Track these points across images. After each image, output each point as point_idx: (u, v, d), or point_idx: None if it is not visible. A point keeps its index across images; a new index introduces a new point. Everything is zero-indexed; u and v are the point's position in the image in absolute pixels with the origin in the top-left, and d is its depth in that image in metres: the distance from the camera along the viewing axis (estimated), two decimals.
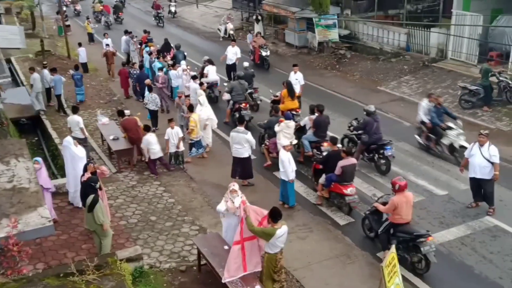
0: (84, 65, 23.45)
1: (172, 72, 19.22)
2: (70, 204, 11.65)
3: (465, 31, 20.42)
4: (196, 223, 11.44)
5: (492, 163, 10.83)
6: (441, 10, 22.65)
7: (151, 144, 13.37)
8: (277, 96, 15.97)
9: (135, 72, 19.96)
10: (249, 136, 12.40)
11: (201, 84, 16.88)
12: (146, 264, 9.84)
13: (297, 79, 17.23)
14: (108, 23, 34.68)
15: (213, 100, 18.71)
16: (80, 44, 24.49)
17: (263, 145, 14.12)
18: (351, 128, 14.09)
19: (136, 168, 14.14)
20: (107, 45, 23.97)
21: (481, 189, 11.20)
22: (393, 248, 7.75)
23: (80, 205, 11.27)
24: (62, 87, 18.66)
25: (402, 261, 9.30)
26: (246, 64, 19.12)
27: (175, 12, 38.77)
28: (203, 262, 9.53)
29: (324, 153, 12.41)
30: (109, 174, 10.20)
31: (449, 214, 11.36)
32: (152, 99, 16.59)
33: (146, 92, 17.36)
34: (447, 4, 22.04)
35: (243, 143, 12.32)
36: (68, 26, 32.56)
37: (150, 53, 21.80)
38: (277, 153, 12.73)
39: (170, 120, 13.86)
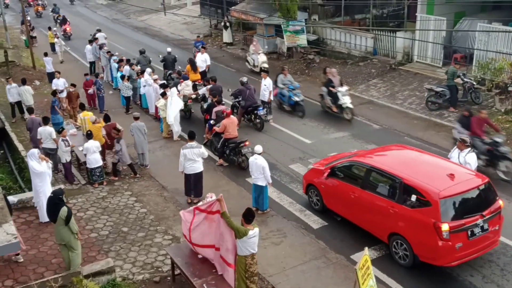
0: (51, 75, 23.01)
1: (140, 80, 19.12)
2: (38, 218, 11.35)
3: (429, 34, 20.88)
4: (169, 232, 11.30)
5: None
6: (406, 15, 23.10)
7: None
8: (184, 71, 20.16)
9: (101, 82, 19.71)
10: (203, 149, 12.32)
11: (163, 94, 16.74)
12: (119, 276, 9.65)
13: (265, 85, 17.34)
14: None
15: (186, 116, 18.28)
16: (46, 54, 24.04)
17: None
18: (231, 96, 17.54)
19: (107, 178, 13.89)
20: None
21: None
22: (366, 250, 7.80)
23: (44, 220, 11.02)
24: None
25: (232, 162, 14.34)
26: (169, 49, 23.04)
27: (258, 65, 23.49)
28: (177, 272, 9.40)
29: (205, 105, 16.78)
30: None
31: None
32: (126, 87, 19.07)
33: (120, 80, 19.66)
34: (412, 9, 22.50)
35: (196, 158, 12.17)
36: (34, 37, 31.96)
37: (118, 61, 21.68)
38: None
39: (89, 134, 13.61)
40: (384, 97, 19.43)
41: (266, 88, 17.30)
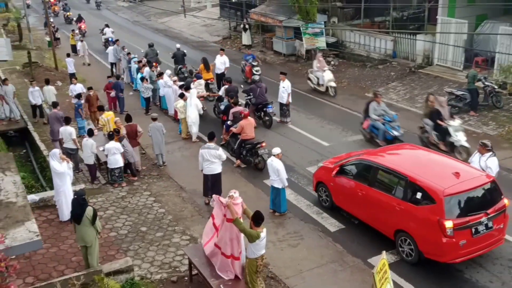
0: (73, 75, 23.38)
1: (159, 82, 19.26)
2: (58, 216, 11.53)
3: (450, 37, 20.64)
4: (187, 232, 11.37)
5: None
6: (427, 17, 22.88)
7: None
8: (197, 70, 20.78)
9: (122, 83, 20.03)
10: (220, 151, 12.20)
11: (182, 95, 16.86)
12: (137, 275, 9.74)
13: (284, 87, 17.30)
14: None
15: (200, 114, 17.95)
16: (68, 55, 24.47)
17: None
18: (243, 92, 17.90)
19: (126, 178, 14.02)
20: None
21: None
22: (383, 254, 7.74)
23: (64, 219, 11.19)
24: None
25: (248, 163, 14.37)
26: (178, 45, 24.33)
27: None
28: (194, 272, 9.45)
29: (222, 107, 16.94)
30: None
31: None
32: (145, 88, 19.28)
33: (140, 82, 19.88)
34: (432, 11, 22.28)
35: (213, 159, 12.08)
36: (58, 39, 32.50)
37: (139, 62, 21.95)
38: None
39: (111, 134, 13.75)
40: (403, 100, 19.27)
41: (284, 90, 17.27)
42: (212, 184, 12.35)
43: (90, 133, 13.93)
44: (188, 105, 16.28)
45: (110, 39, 29.73)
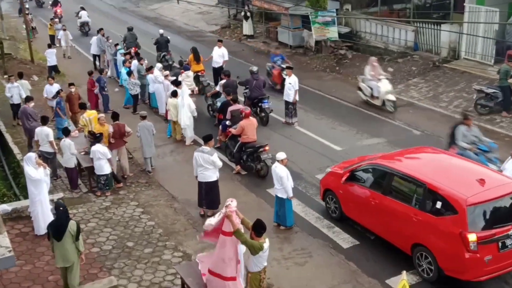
0: (55, 68, 23.42)
1: (149, 77, 19.22)
2: (33, 229, 11.52)
3: (479, 27, 20.64)
4: (180, 248, 11.35)
5: None
6: (453, 5, 22.87)
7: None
8: (186, 61, 20.96)
9: (106, 80, 19.97)
10: (214, 157, 12.03)
11: (175, 93, 16.80)
12: None
13: (290, 83, 17.28)
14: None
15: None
16: (49, 46, 24.47)
17: None
18: (239, 84, 18.14)
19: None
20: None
21: None
22: (404, 274, 7.73)
23: (40, 232, 11.17)
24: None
25: (249, 169, 14.36)
26: (161, 31, 25.25)
27: None
28: None
29: (218, 104, 16.84)
30: None
31: None
32: (133, 84, 19.34)
33: (126, 77, 19.85)
34: None
35: (206, 165, 11.99)
36: (34, 28, 32.55)
37: (125, 54, 21.95)
38: None
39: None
40: (426, 99, 19.28)
41: (291, 86, 17.24)
42: (206, 193, 12.32)
43: (66, 132, 13.96)
44: (180, 106, 16.16)
45: (87, 22, 32.65)
